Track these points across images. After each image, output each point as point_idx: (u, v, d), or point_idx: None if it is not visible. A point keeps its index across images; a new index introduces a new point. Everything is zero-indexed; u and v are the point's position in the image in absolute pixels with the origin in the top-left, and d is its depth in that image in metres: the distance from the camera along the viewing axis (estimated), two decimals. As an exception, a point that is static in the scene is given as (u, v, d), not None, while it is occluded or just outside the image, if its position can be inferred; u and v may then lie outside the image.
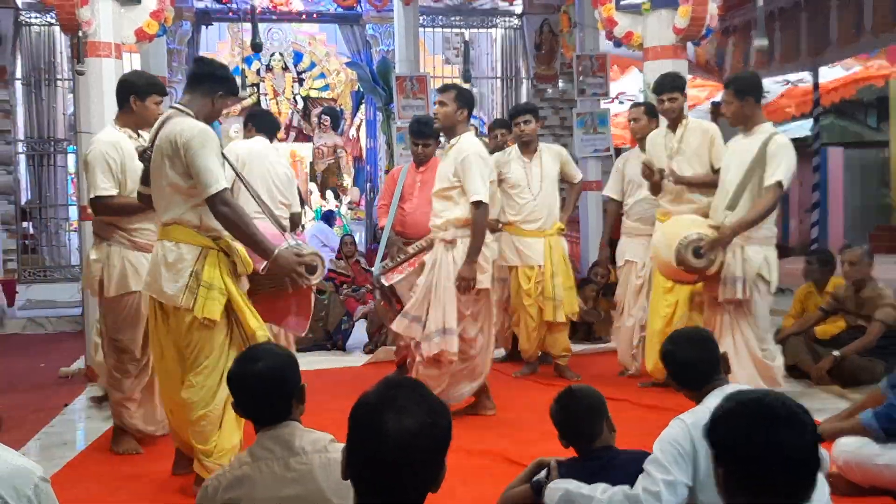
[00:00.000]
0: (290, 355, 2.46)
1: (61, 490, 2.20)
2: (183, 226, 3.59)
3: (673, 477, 2.51)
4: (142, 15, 6.37)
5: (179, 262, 3.56)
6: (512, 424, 4.87)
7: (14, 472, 1.90)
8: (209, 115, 3.74)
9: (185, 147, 3.49)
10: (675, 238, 4.58)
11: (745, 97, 4.69)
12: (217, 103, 3.75)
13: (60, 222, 10.48)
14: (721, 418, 1.71)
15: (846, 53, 9.37)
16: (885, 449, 3.49)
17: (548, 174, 6.00)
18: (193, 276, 3.55)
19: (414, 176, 5.91)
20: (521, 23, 11.44)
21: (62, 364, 6.77)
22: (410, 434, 1.56)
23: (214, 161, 3.50)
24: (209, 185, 3.47)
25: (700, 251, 4.49)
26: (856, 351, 5.61)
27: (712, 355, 2.81)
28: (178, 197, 3.57)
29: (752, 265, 4.62)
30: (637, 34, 6.79)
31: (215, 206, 3.50)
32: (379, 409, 1.60)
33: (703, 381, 2.76)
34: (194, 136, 3.50)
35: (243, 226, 3.54)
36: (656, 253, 4.91)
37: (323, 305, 7.47)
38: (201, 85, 3.72)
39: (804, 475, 1.64)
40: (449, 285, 4.70)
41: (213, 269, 3.56)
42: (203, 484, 2.36)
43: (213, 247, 3.61)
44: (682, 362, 2.82)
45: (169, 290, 3.55)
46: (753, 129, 4.71)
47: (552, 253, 5.92)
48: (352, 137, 13.97)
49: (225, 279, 3.58)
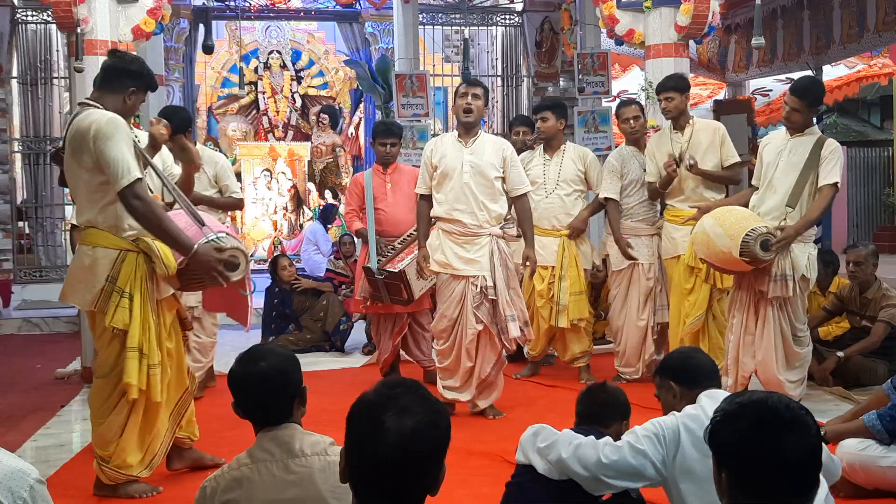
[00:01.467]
0: (293, 356, 2.44)
1: (57, 492, 2.16)
2: (98, 228, 3.51)
3: (643, 447, 2.56)
4: (139, 13, 6.33)
5: (95, 266, 3.50)
6: (512, 425, 4.82)
7: (9, 474, 1.88)
8: (122, 112, 3.59)
9: (94, 138, 3.38)
10: (737, 229, 4.61)
11: (813, 107, 4.88)
12: (130, 100, 3.61)
13: (56, 222, 10.43)
14: (723, 421, 1.69)
15: (849, 52, 9.33)
16: (889, 451, 3.48)
17: (566, 174, 5.90)
18: (109, 281, 3.49)
19: (382, 178, 5.92)
20: (521, 20, 11.41)
21: (58, 365, 6.74)
22: (409, 434, 1.55)
23: (125, 151, 3.38)
24: (120, 177, 3.36)
25: (769, 245, 4.56)
26: (859, 352, 5.58)
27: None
28: (91, 196, 3.49)
29: (799, 264, 4.76)
30: (638, 32, 6.75)
31: (127, 199, 3.39)
32: (378, 408, 1.59)
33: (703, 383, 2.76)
34: (101, 126, 3.39)
35: (156, 220, 3.44)
36: (705, 241, 4.81)
37: (321, 306, 7.44)
38: (112, 80, 3.61)
39: (807, 478, 1.64)
40: (514, 275, 4.93)
41: (129, 273, 3.50)
42: (202, 485, 2.34)
43: (132, 249, 3.53)
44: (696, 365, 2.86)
45: (85, 296, 3.51)
46: (803, 130, 4.87)
47: (563, 255, 5.85)
48: (350, 136, 13.94)
49: (140, 286, 3.52)
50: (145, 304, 3.55)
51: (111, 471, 3.64)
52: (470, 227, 4.82)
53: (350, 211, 6.04)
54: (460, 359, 4.87)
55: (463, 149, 4.90)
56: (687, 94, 5.64)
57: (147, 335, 3.56)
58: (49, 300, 9.62)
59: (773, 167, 4.86)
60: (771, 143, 5.01)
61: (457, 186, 4.84)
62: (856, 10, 8.55)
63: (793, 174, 4.77)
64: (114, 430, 3.62)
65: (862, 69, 11.95)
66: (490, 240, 4.83)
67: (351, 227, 6.09)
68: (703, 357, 2.95)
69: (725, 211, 4.87)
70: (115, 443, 3.62)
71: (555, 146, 5.95)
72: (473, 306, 4.79)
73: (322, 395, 5.13)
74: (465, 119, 4.89)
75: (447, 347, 4.92)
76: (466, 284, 4.81)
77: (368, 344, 7.31)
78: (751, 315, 4.85)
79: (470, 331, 4.81)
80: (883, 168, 14.91)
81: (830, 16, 8.96)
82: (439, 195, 4.90)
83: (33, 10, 10.05)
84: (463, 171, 4.84)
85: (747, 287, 4.87)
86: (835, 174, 4.71)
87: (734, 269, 4.84)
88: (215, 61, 13.83)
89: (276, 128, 14.24)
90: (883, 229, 14.07)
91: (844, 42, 8.80)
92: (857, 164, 14.90)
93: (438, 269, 4.89)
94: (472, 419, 4.95)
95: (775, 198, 4.82)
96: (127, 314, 3.48)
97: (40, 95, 10.27)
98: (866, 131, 16.20)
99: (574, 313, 5.82)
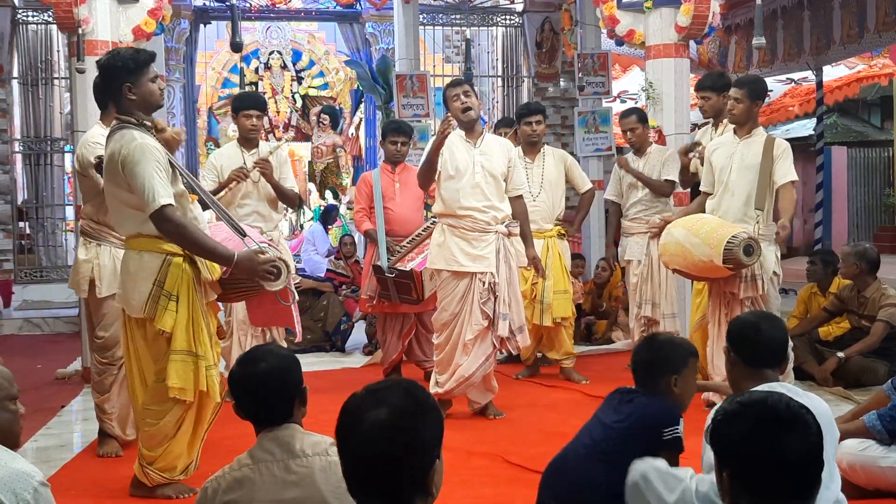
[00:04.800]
0: (293, 356, 2.43)
1: (59, 492, 2.16)
2: (144, 236, 3.53)
3: None
4: (139, 13, 6.33)
5: (141, 271, 3.52)
6: (512, 425, 4.84)
7: (13, 476, 1.89)
8: (143, 107, 3.57)
9: (122, 164, 3.42)
10: (715, 237, 4.65)
11: (756, 101, 4.92)
12: (134, 93, 3.53)
13: (57, 222, 10.43)
14: (724, 420, 1.70)
15: (849, 52, 9.33)
16: (890, 451, 3.47)
17: (549, 177, 5.99)
18: (156, 286, 3.50)
19: (390, 177, 5.92)
20: (522, 21, 11.39)
21: (59, 365, 6.74)
22: (384, 426, 1.56)
23: (152, 176, 3.39)
24: (148, 204, 3.39)
25: (751, 250, 4.61)
26: (859, 352, 5.58)
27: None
28: (130, 211, 3.52)
29: (768, 263, 4.81)
30: (639, 32, 6.75)
31: (158, 224, 3.42)
32: (360, 401, 1.61)
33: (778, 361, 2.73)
34: (129, 152, 3.41)
35: (190, 239, 3.46)
36: (680, 252, 4.86)
37: (322, 306, 7.44)
38: (103, 93, 3.70)
39: (808, 477, 1.64)
40: (516, 277, 4.97)
41: (176, 277, 3.51)
42: (203, 485, 2.33)
43: (178, 253, 3.54)
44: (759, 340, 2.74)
45: (133, 302, 3.52)
46: (751, 131, 4.94)
47: (547, 255, 5.88)
48: (351, 136, 13.93)
49: (187, 289, 3.51)
50: (194, 306, 3.54)
51: (155, 473, 3.62)
52: (479, 223, 4.82)
53: (360, 210, 6.02)
54: (454, 353, 4.85)
55: (472, 149, 4.88)
56: (725, 93, 5.41)
57: (200, 337, 3.55)
58: (49, 300, 9.62)
59: (728, 170, 4.93)
60: (720, 148, 5.06)
61: (468, 186, 4.82)
62: (856, 10, 8.55)
63: (749, 176, 4.85)
64: (166, 433, 3.60)
65: (862, 69, 11.94)
66: (497, 237, 4.84)
67: (360, 227, 6.05)
68: (772, 330, 2.79)
69: (696, 220, 4.93)
70: (165, 446, 3.61)
71: (536, 149, 6.04)
72: (481, 302, 4.78)
73: (322, 395, 5.08)
74: (467, 117, 4.87)
75: (443, 341, 4.91)
76: (472, 281, 4.80)
77: (369, 344, 7.31)
78: (723, 318, 4.85)
79: (475, 326, 4.79)
80: (883, 168, 14.90)
81: (830, 16, 8.97)
82: (445, 192, 4.87)
83: (34, 10, 10.06)
84: (475, 171, 4.83)
85: (717, 292, 4.93)
86: (791, 172, 4.84)
87: (710, 277, 4.89)
88: (216, 62, 13.83)
89: (277, 128, 14.23)
90: (883, 229, 14.06)
91: (844, 42, 8.80)
92: (857, 164, 14.88)
93: (444, 267, 4.85)
94: (472, 420, 4.95)
95: (734, 200, 4.90)
96: (173, 317, 3.49)
97: (41, 96, 10.26)
98: (866, 132, 16.18)
99: (558, 311, 5.88)
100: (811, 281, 6.30)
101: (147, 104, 3.59)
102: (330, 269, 8.21)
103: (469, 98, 4.87)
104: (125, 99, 3.56)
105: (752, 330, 2.75)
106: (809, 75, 10.86)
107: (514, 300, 4.91)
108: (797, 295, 6.42)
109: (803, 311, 6.28)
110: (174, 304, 3.49)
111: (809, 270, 6.31)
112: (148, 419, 3.62)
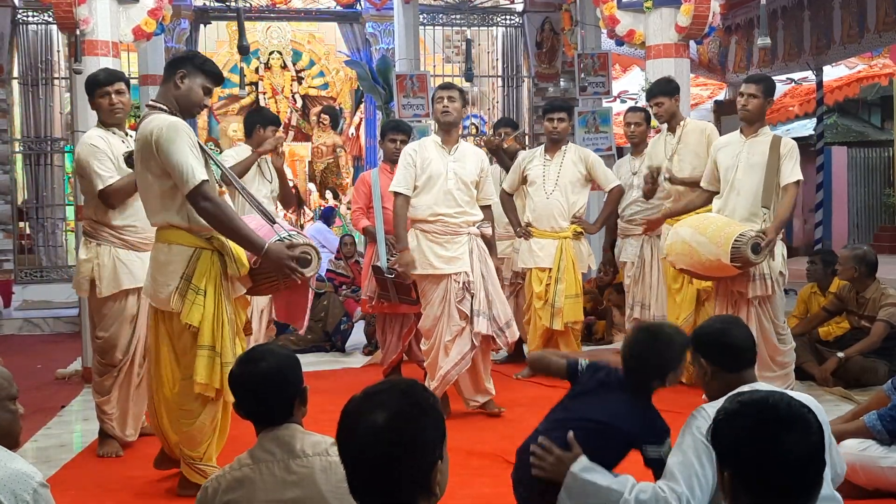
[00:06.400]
0: (293, 356, 2.43)
1: (59, 492, 2.16)
2: (174, 227, 3.52)
3: (685, 490, 2.43)
4: (140, 13, 6.33)
5: (170, 264, 3.50)
6: (512, 425, 4.83)
7: (13, 477, 1.89)
8: (181, 99, 3.58)
9: (156, 144, 3.39)
10: (722, 236, 4.68)
11: (769, 97, 5.00)
12: (183, 84, 3.56)
13: (57, 222, 10.43)
14: (725, 419, 1.69)
15: (849, 52, 9.34)
16: (890, 451, 3.48)
17: (566, 175, 5.90)
18: (184, 280, 3.48)
19: (389, 177, 5.88)
20: (522, 21, 11.40)
21: (59, 365, 6.74)
22: (380, 427, 1.56)
23: (188, 154, 3.38)
24: (186, 181, 3.35)
25: (759, 248, 4.63)
26: (859, 352, 5.58)
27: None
28: (162, 200, 3.49)
29: (776, 263, 4.87)
30: (639, 32, 6.75)
31: (196, 201, 3.38)
32: (358, 403, 1.61)
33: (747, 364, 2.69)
34: (162, 131, 3.38)
35: (227, 221, 3.43)
36: (687, 251, 4.88)
37: (322, 306, 7.44)
38: (166, 72, 3.64)
39: (808, 476, 1.63)
40: (494, 274, 5.02)
41: (204, 271, 3.49)
42: (203, 485, 2.34)
43: (207, 247, 3.53)
44: (735, 344, 2.70)
45: (160, 294, 3.50)
46: (759, 130, 4.99)
47: (561, 257, 5.86)
48: (351, 136, 13.92)
49: (214, 283, 3.50)
50: (220, 301, 3.52)
51: (207, 467, 3.57)
52: (450, 226, 4.90)
53: (357, 209, 6.03)
54: (438, 356, 4.89)
55: (446, 155, 4.97)
56: (676, 96, 5.71)
57: (221, 332, 3.52)
58: (49, 300, 9.62)
59: (734, 169, 4.96)
60: (726, 147, 5.08)
61: (440, 192, 4.91)
62: (856, 10, 8.55)
63: (756, 175, 4.87)
64: (205, 431, 3.58)
65: (862, 70, 11.95)
66: (469, 238, 4.92)
67: (357, 225, 6.07)
68: (740, 330, 2.75)
69: (702, 219, 4.95)
70: (209, 442, 3.59)
71: (558, 147, 5.97)
72: (457, 301, 4.84)
73: (322, 395, 5.08)
74: (444, 119, 4.95)
75: (429, 347, 4.98)
76: (448, 282, 4.86)
77: (369, 344, 7.31)
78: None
79: (454, 327, 4.85)
80: (883, 168, 14.91)
81: (831, 16, 8.97)
82: (419, 199, 4.95)
83: (34, 10, 10.07)
84: (448, 177, 4.91)
85: (724, 291, 4.95)
86: (797, 172, 4.86)
87: (718, 276, 4.90)
88: (216, 61, 13.81)
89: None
90: (883, 229, 14.08)
91: (845, 42, 8.80)
92: (857, 164, 14.90)
93: (419, 271, 4.92)
94: (472, 420, 4.95)
95: (740, 199, 4.92)
96: (200, 311, 3.46)
97: (41, 96, 10.28)
98: (866, 131, 16.20)
99: (569, 316, 5.86)
100: (811, 281, 6.31)
101: (186, 100, 3.60)
102: (330, 270, 8.21)
103: (451, 103, 4.94)
104: (173, 84, 3.57)
105: (724, 336, 2.70)
106: (809, 75, 10.86)
107: (496, 297, 4.96)
108: (797, 295, 6.42)
109: (803, 311, 6.28)
110: (202, 297, 3.47)
111: (809, 270, 6.31)
112: (183, 420, 3.58)
